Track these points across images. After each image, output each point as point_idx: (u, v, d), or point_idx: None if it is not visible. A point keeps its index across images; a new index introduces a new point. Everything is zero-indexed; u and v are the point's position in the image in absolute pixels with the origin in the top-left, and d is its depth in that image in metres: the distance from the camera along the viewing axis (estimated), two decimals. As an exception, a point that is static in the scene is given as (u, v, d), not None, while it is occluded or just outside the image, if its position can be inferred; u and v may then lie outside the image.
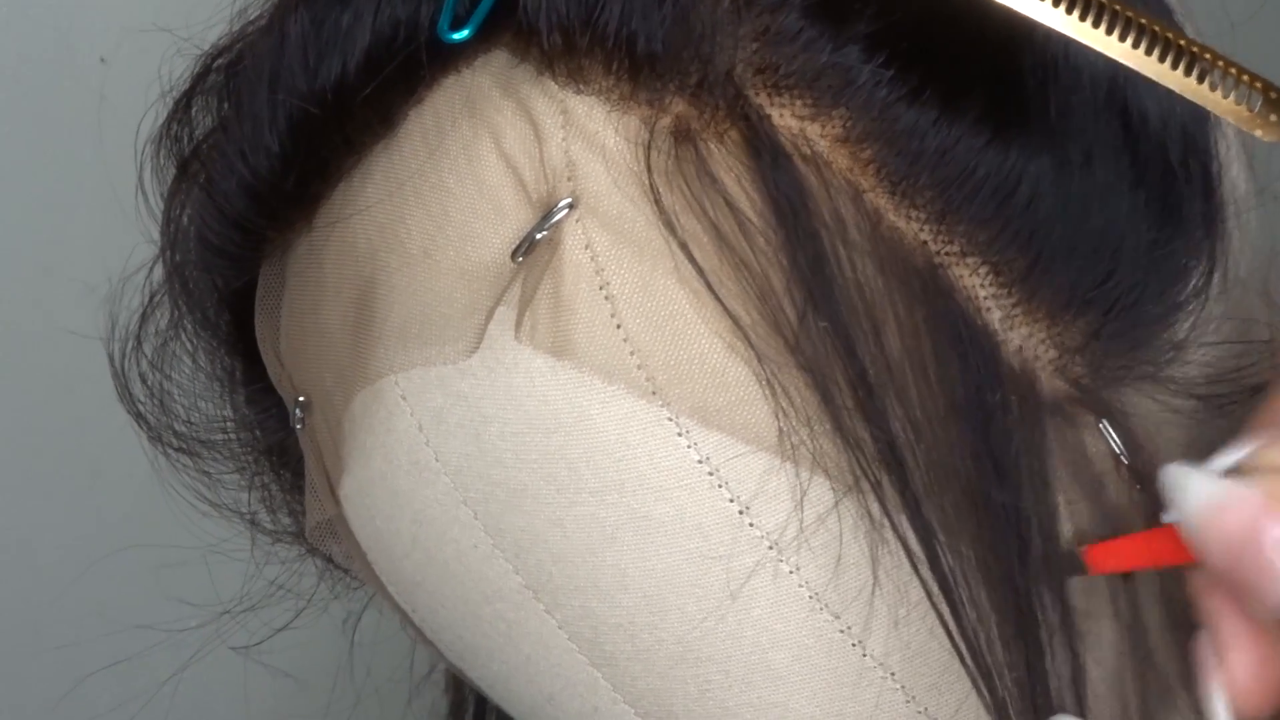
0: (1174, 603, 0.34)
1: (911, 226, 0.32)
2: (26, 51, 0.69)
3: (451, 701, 0.55)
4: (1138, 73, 0.31)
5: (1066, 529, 0.32)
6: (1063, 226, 0.32)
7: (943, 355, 0.31)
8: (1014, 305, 0.32)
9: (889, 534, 0.31)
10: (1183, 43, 0.31)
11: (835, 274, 0.31)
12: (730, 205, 0.31)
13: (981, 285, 0.32)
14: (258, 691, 0.63)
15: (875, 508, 0.31)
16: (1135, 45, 0.31)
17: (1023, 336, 0.33)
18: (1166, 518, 0.29)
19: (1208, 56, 0.31)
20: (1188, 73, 0.31)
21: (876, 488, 0.31)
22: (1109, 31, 0.31)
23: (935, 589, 0.31)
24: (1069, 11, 0.31)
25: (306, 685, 0.61)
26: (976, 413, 0.32)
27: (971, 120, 0.32)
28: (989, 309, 0.32)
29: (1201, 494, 0.28)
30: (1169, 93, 0.31)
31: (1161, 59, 0.31)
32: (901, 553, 0.31)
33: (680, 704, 0.33)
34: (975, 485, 0.32)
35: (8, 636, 0.77)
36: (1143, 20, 0.31)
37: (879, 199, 0.32)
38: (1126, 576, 0.33)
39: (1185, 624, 0.33)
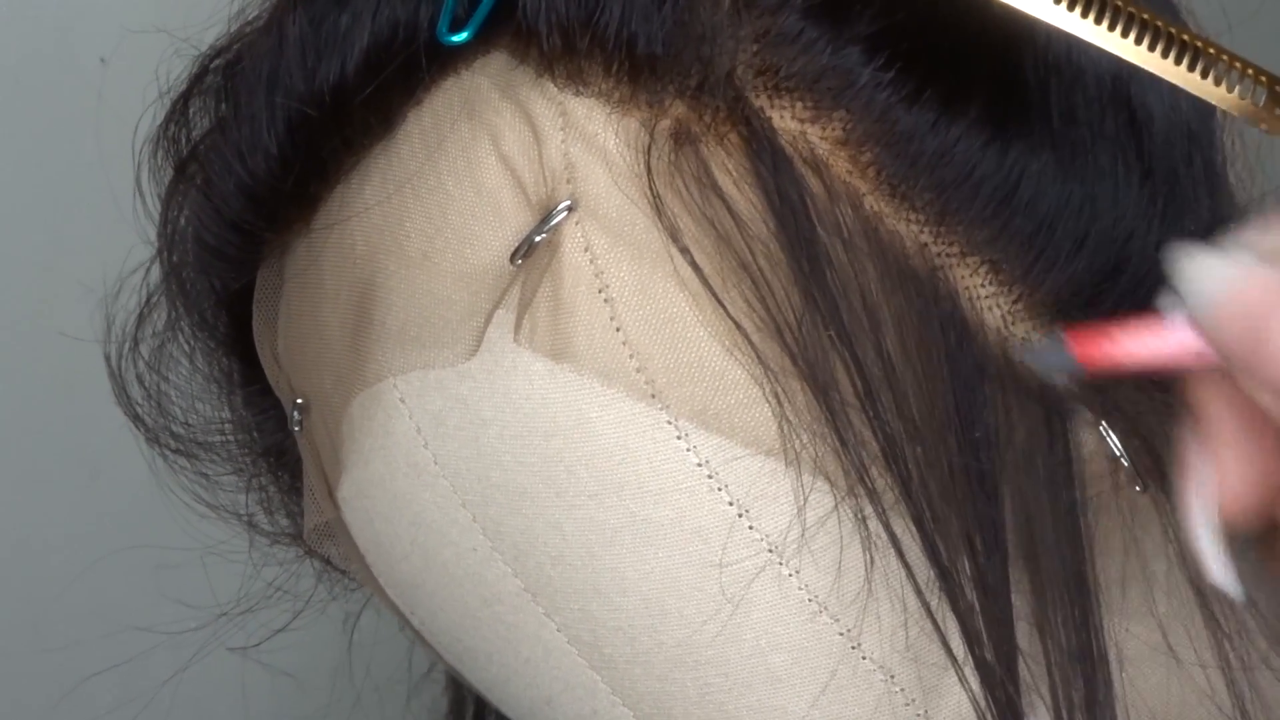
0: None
1: (911, 229, 0.32)
2: (26, 52, 0.69)
3: (451, 700, 0.55)
4: (1142, 69, 0.31)
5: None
6: (1066, 223, 0.32)
7: (942, 357, 0.31)
8: (1015, 302, 0.32)
9: (887, 537, 0.31)
10: (1186, 38, 0.31)
11: (835, 277, 0.31)
12: (730, 208, 0.31)
13: (982, 284, 0.32)
14: (257, 692, 0.63)
15: (874, 511, 0.31)
16: (1139, 41, 0.31)
17: (1025, 332, 0.32)
18: (1170, 310, 0.28)
19: (1211, 51, 0.31)
20: (1191, 68, 0.31)
21: (875, 491, 0.31)
22: (1112, 28, 0.31)
23: (933, 590, 0.31)
24: (1071, 8, 0.31)
25: (305, 685, 0.61)
26: (977, 414, 0.32)
27: (971, 121, 0.32)
28: (990, 308, 0.32)
29: (1217, 272, 0.27)
30: (1173, 88, 0.31)
31: (1165, 54, 0.31)
32: (897, 557, 0.31)
33: (680, 707, 0.33)
34: (974, 487, 0.32)
35: (7, 638, 0.77)
36: (1145, 16, 0.31)
37: (878, 202, 0.32)
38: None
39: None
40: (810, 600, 0.32)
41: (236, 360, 0.42)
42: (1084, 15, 0.31)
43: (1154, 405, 0.34)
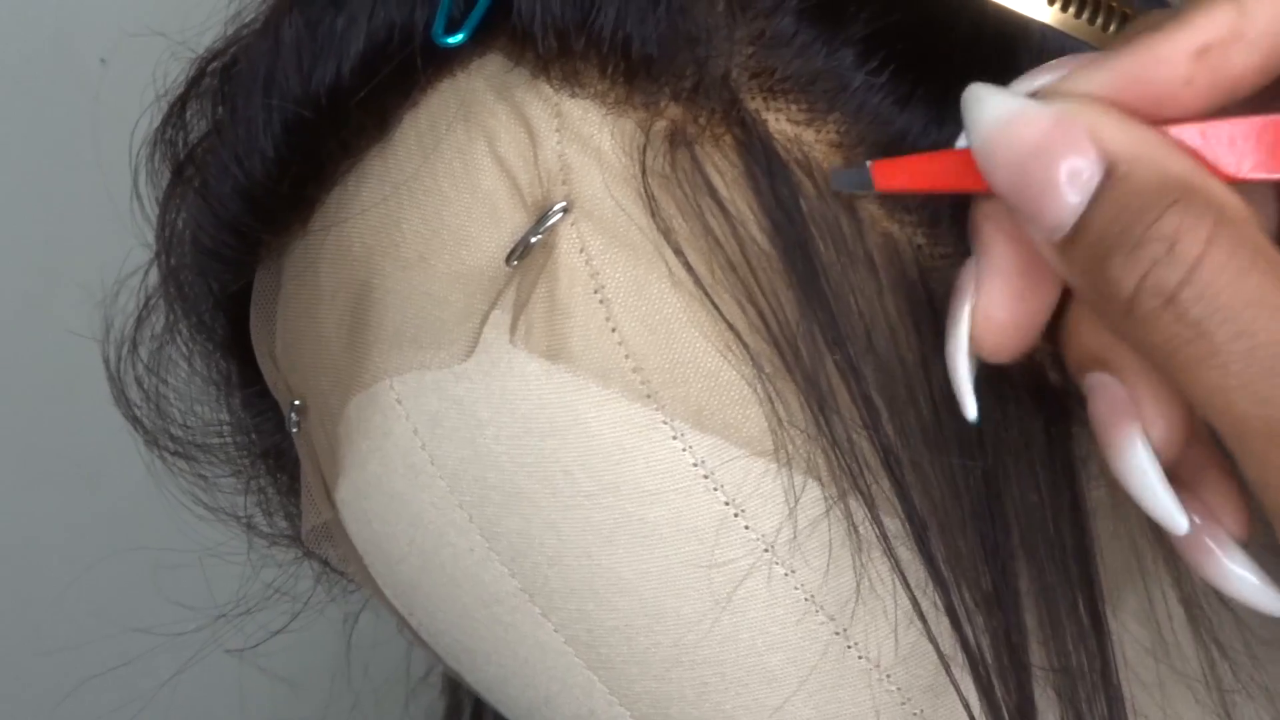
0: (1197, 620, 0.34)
1: (905, 231, 0.32)
2: (24, 53, 0.69)
3: (448, 704, 0.55)
4: None
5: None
6: None
7: (936, 358, 0.31)
8: None
9: (882, 537, 0.31)
10: None
11: (828, 279, 0.31)
12: (724, 209, 0.31)
13: (977, 286, 0.32)
14: (254, 694, 0.63)
15: (869, 511, 0.31)
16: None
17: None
18: (959, 141, 0.29)
19: None
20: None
21: (870, 491, 0.31)
22: (1105, 29, 0.31)
23: (928, 591, 0.31)
24: (1064, 9, 0.31)
25: (303, 688, 0.61)
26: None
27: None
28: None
29: (995, 109, 0.27)
30: None
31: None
32: (889, 557, 0.31)
33: (677, 706, 0.33)
34: (972, 488, 0.32)
35: (6, 639, 0.77)
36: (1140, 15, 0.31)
37: (871, 205, 0.32)
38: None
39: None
40: (806, 599, 0.32)
41: (234, 362, 0.42)
42: (1078, 16, 0.31)
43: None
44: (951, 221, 0.32)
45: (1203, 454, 0.30)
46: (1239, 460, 0.26)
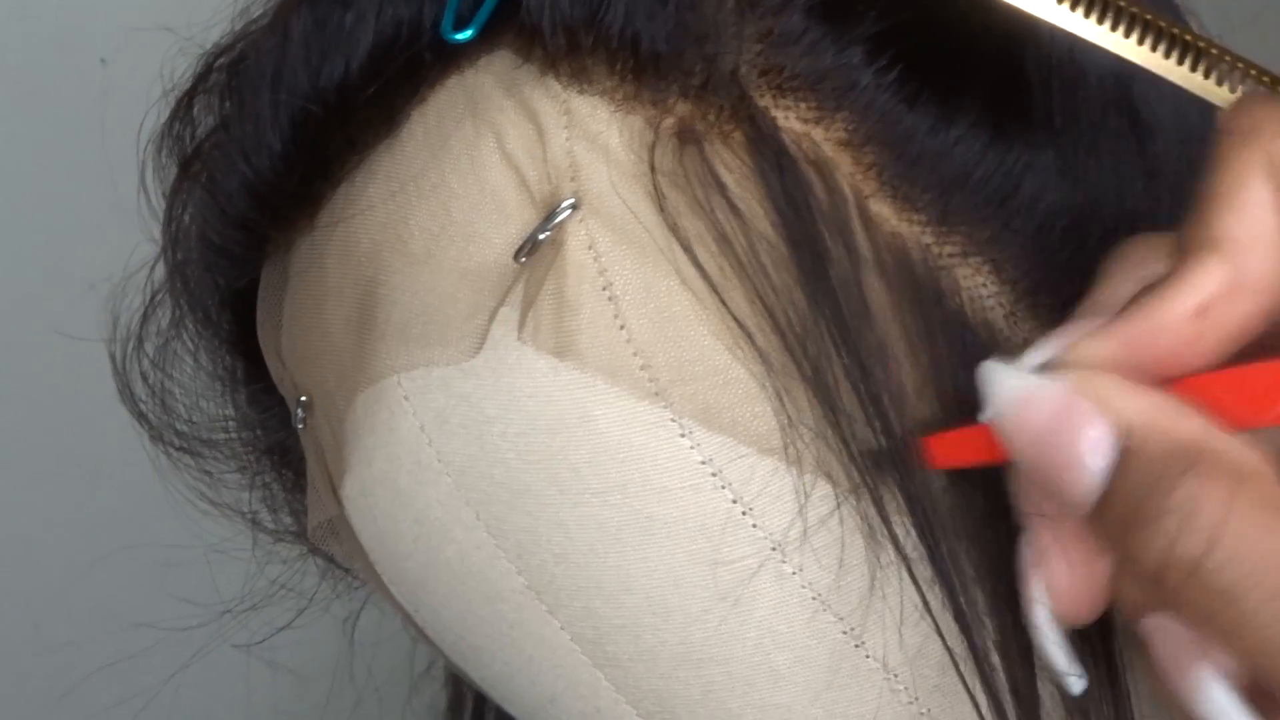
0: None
1: (913, 230, 0.32)
2: (29, 50, 0.69)
3: (450, 698, 0.55)
4: (1144, 69, 0.31)
5: None
6: (1070, 222, 0.32)
7: (944, 358, 0.31)
8: (1017, 301, 0.32)
9: (891, 536, 0.31)
10: (1189, 38, 0.31)
11: (837, 277, 0.31)
12: (733, 207, 0.31)
13: (985, 284, 0.32)
14: (259, 689, 0.63)
15: (877, 510, 0.31)
16: (1140, 42, 0.31)
17: (1027, 331, 0.32)
18: (982, 417, 0.29)
19: (1214, 52, 0.31)
20: (1194, 68, 0.31)
21: (878, 490, 0.31)
22: (1114, 28, 0.31)
23: (936, 591, 0.31)
24: (1073, 8, 0.31)
25: (308, 683, 0.61)
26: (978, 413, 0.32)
27: (971, 121, 0.32)
28: (992, 308, 0.32)
29: (1007, 388, 0.28)
30: (1176, 89, 0.31)
31: (1167, 55, 0.31)
32: (896, 556, 0.31)
33: (683, 705, 0.33)
34: (979, 486, 0.32)
35: (9, 635, 0.77)
36: (1148, 16, 0.31)
37: (880, 204, 0.32)
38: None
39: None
40: (813, 598, 0.32)
41: (240, 358, 0.42)
42: (1086, 15, 0.31)
43: None
44: (959, 220, 0.32)
45: None
46: None
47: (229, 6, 0.39)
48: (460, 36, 0.33)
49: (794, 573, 0.32)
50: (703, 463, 0.31)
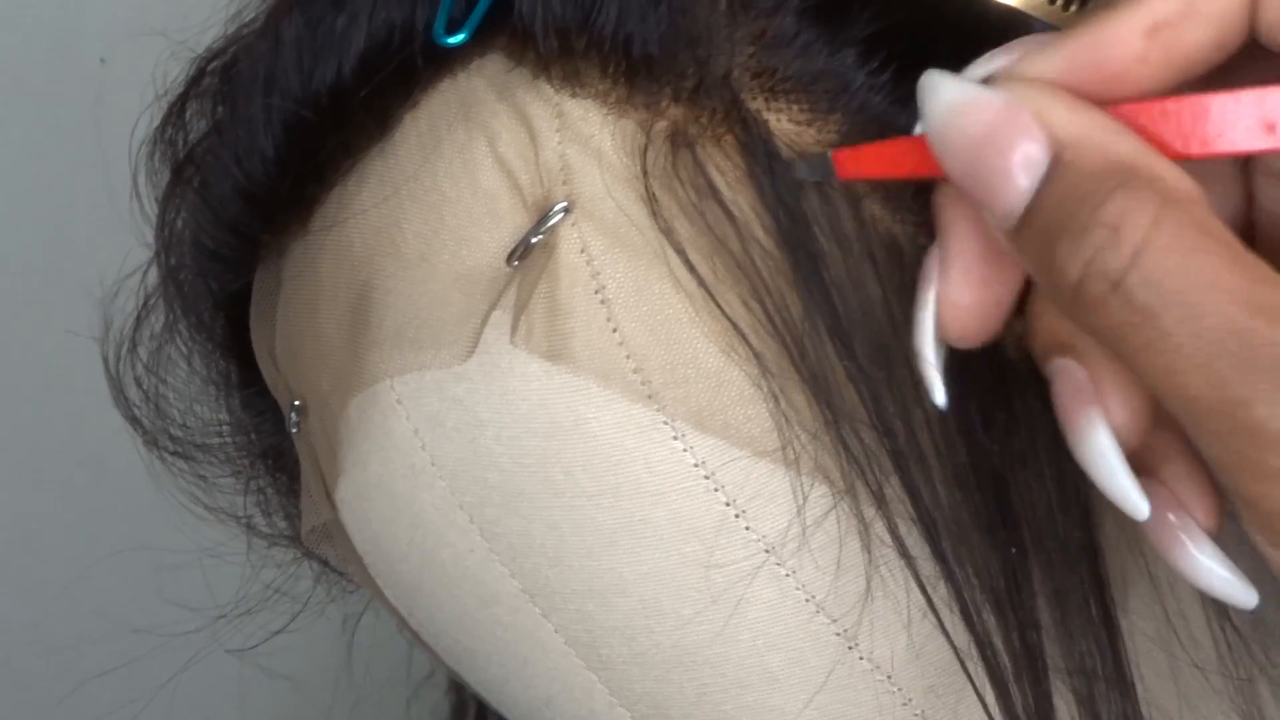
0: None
1: (906, 230, 0.32)
2: (24, 53, 0.69)
3: (453, 704, 0.55)
4: None
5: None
6: None
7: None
8: None
9: (886, 537, 0.31)
10: None
11: (832, 278, 0.31)
12: (726, 209, 0.31)
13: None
14: (255, 694, 0.63)
15: (873, 511, 0.31)
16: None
17: (1022, 328, 0.32)
18: (917, 128, 0.29)
19: None
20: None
21: (875, 491, 0.31)
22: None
23: (940, 590, 0.31)
24: (1065, 9, 0.31)
25: (304, 688, 0.61)
26: (978, 412, 0.32)
27: None
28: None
29: (946, 95, 0.27)
30: None
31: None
32: (898, 556, 0.31)
33: (677, 707, 0.33)
34: (980, 487, 0.32)
35: (6, 639, 0.77)
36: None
37: (874, 205, 0.32)
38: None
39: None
40: (808, 600, 0.32)
41: (234, 362, 0.42)
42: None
43: None
44: None
45: (1171, 443, 0.29)
46: (1197, 443, 0.26)
47: (222, 10, 0.39)
48: (453, 40, 0.33)
49: (788, 575, 0.32)
50: (696, 465, 0.31)
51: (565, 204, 0.32)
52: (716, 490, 0.31)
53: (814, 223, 0.31)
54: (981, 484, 0.32)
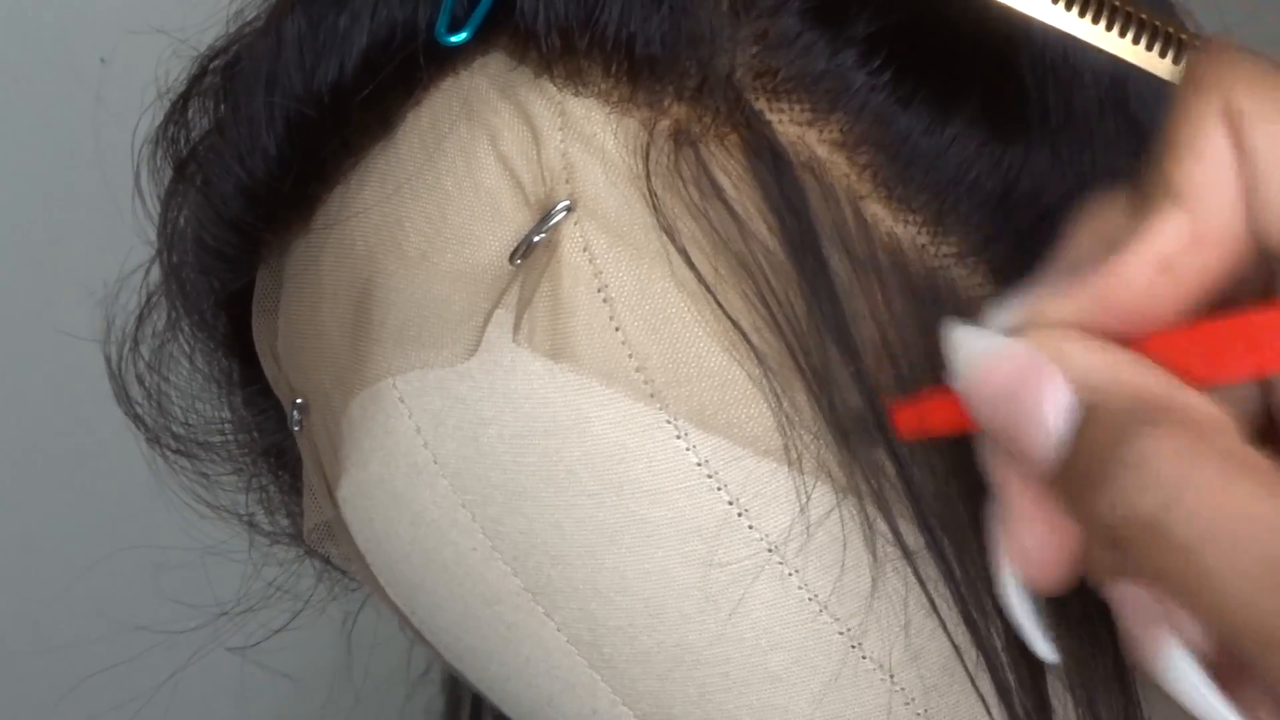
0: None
1: (909, 230, 0.32)
2: (25, 52, 0.69)
3: (447, 700, 0.55)
4: (1140, 68, 0.31)
5: None
6: (1065, 222, 0.32)
7: (941, 357, 0.31)
8: None
9: (889, 537, 0.31)
10: (1184, 36, 0.31)
11: (834, 278, 0.31)
12: (729, 209, 0.31)
13: (981, 284, 0.32)
14: (256, 692, 0.63)
15: (876, 510, 0.31)
16: (1136, 41, 0.31)
17: None
18: (950, 382, 0.28)
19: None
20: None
21: (878, 490, 0.31)
22: (1109, 28, 0.31)
23: (942, 589, 0.31)
24: (1068, 8, 0.31)
25: (304, 685, 0.61)
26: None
27: (966, 122, 0.32)
28: (988, 308, 0.32)
29: (971, 349, 0.27)
30: (1173, 87, 0.31)
31: (1164, 54, 0.31)
32: (901, 555, 0.31)
33: (679, 706, 0.33)
34: (978, 485, 0.32)
35: (7, 637, 0.77)
36: (1143, 15, 0.31)
37: (876, 205, 0.32)
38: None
39: None
40: (810, 600, 0.32)
41: (236, 360, 0.42)
42: (1081, 15, 0.31)
43: None
44: (955, 220, 0.32)
45: None
46: (1260, 674, 0.25)
47: (224, 8, 0.39)
48: (455, 39, 0.33)
49: (791, 574, 0.32)
50: (698, 464, 0.31)
51: (568, 203, 0.32)
52: (719, 489, 0.31)
53: (816, 222, 0.31)
54: (982, 484, 0.32)
